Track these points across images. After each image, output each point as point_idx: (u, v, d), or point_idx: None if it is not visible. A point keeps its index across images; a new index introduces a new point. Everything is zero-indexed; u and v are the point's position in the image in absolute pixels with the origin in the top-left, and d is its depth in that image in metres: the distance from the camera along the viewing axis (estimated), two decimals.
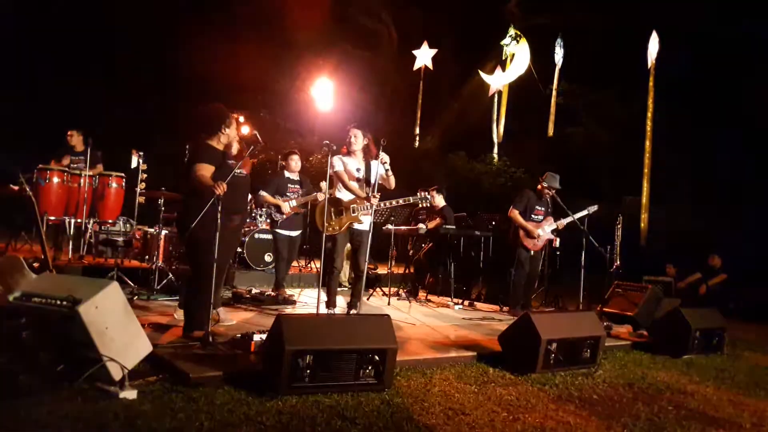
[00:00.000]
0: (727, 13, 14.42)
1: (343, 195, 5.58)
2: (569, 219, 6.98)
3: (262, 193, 6.91)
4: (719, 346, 5.82)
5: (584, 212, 7.02)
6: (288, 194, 6.98)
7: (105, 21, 16.00)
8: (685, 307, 5.81)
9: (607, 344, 5.07)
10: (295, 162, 7.14)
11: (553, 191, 7.01)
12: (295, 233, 7.04)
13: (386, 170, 5.48)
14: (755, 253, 10.57)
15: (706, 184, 14.09)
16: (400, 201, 5.89)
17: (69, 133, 8.12)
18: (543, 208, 7.09)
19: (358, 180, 5.58)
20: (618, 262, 7.50)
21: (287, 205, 6.90)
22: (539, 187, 7.10)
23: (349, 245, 5.90)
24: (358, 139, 5.60)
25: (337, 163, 5.58)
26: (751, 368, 5.30)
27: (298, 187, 7.06)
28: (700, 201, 13.69)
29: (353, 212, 5.48)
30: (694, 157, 14.43)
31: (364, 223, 5.51)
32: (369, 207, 5.44)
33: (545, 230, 7.05)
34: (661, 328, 5.75)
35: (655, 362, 5.20)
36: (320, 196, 6.63)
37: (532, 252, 7.00)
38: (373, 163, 5.55)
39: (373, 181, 5.51)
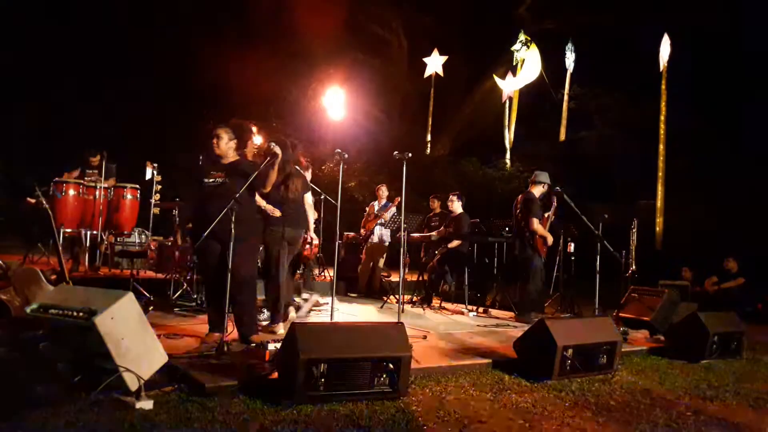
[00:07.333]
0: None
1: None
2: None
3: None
4: (738, 350, 5.74)
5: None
6: None
7: (119, 32, 16.17)
8: (706, 311, 5.74)
9: (623, 350, 5.01)
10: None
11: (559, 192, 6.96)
12: None
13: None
14: None
15: (722, 185, 13.93)
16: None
17: (92, 159, 8.08)
18: (542, 211, 7.02)
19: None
20: (633, 267, 7.42)
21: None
22: (544, 189, 7.01)
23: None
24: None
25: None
26: None
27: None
28: (716, 203, 13.53)
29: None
30: (708, 159, 14.29)
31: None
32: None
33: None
34: (679, 333, 5.69)
35: (673, 367, 5.14)
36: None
37: (543, 258, 6.98)
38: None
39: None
